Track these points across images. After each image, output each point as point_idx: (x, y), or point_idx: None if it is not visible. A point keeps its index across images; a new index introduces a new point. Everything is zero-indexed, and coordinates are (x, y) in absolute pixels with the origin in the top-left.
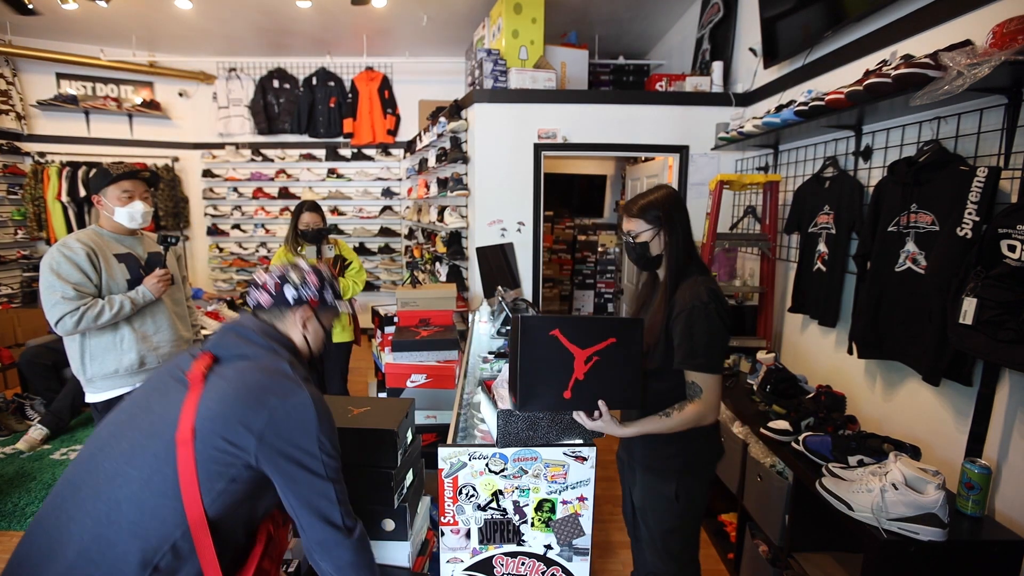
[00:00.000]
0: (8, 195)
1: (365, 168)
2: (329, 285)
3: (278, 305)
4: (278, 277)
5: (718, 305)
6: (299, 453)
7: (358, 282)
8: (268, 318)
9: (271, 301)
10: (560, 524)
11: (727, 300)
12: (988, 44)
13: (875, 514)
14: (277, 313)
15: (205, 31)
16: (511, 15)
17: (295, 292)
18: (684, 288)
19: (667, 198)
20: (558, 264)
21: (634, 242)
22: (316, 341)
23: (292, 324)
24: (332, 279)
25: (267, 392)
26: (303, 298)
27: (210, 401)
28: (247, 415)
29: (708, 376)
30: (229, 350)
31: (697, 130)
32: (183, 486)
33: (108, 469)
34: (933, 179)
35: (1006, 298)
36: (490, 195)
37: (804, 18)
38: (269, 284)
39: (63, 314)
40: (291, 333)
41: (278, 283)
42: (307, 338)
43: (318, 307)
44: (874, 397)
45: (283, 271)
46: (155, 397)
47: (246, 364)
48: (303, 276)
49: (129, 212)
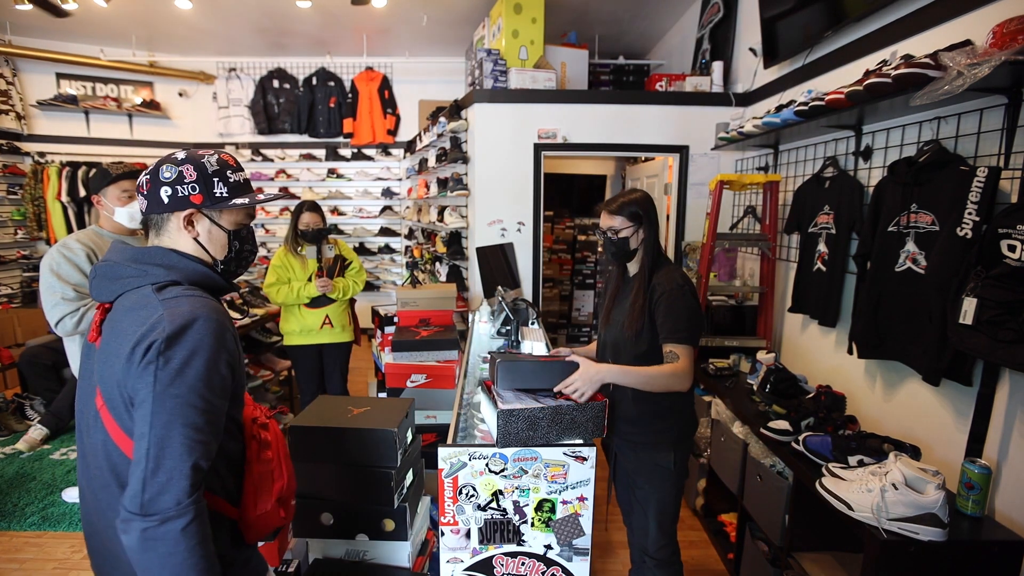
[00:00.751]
0: (8, 195)
1: (365, 168)
2: (216, 176)
3: (152, 209)
4: (150, 174)
5: (691, 287)
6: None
7: (358, 282)
8: (151, 233)
9: (147, 205)
10: (560, 524)
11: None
12: (988, 44)
13: (875, 514)
14: (155, 220)
15: (205, 31)
16: (511, 15)
17: (168, 191)
18: (660, 275)
19: (644, 198)
20: (558, 264)
21: (615, 237)
22: (216, 248)
23: (176, 230)
24: (224, 165)
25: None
26: (181, 196)
27: (101, 358)
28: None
29: (686, 347)
30: (110, 290)
31: (697, 130)
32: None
33: (85, 445)
34: (933, 179)
35: (1006, 298)
36: (490, 195)
37: (804, 18)
38: (142, 184)
39: (63, 315)
40: (179, 244)
41: (149, 182)
42: (202, 243)
43: (204, 204)
44: (874, 397)
45: (157, 163)
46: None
47: (120, 305)
48: (176, 170)
49: (129, 212)
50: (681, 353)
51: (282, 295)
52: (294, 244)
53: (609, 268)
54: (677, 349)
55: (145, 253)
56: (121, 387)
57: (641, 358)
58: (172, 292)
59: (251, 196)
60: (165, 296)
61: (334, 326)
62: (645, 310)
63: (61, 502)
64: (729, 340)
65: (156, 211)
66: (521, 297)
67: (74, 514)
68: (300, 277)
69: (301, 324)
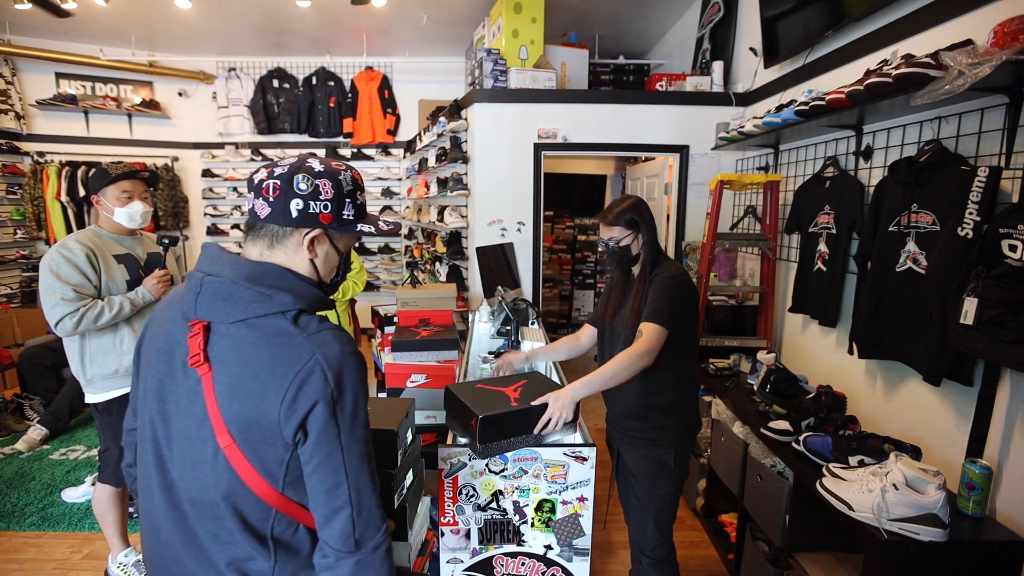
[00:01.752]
0: (7, 195)
1: (365, 168)
2: (349, 197)
3: (275, 219)
4: (279, 178)
5: (687, 280)
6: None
7: (358, 283)
8: (262, 242)
9: (269, 212)
10: (560, 524)
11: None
12: (989, 44)
13: (876, 514)
14: (274, 231)
15: (205, 31)
16: (511, 15)
17: (300, 204)
18: (659, 270)
19: (638, 204)
20: (558, 264)
21: (616, 247)
22: (327, 269)
23: (294, 249)
24: (356, 187)
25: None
26: (311, 214)
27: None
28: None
29: (655, 325)
30: (228, 314)
31: (697, 130)
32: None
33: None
34: (934, 179)
35: (1007, 298)
36: (490, 195)
37: (804, 18)
38: (269, 187)
39: (63, 315)
40: (293, 260)
41: (279, 189)
42: (315, 264)
43: (331, 225)
44: (875, 397)
45: (292, 169)
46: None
47: (243, 333)
48: (313, 183)
49: (128, 212)
50: (647, 331)
51: None
52: None
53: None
54: (645, 327)
55: (264, 273)
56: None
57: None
58: (311, 325)
59: (374, 222)
60: (307, 330)
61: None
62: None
63: (60, 502)
64: (729, 340)
65: (279, 222)
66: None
67: (73, 514)
68: None
69: None
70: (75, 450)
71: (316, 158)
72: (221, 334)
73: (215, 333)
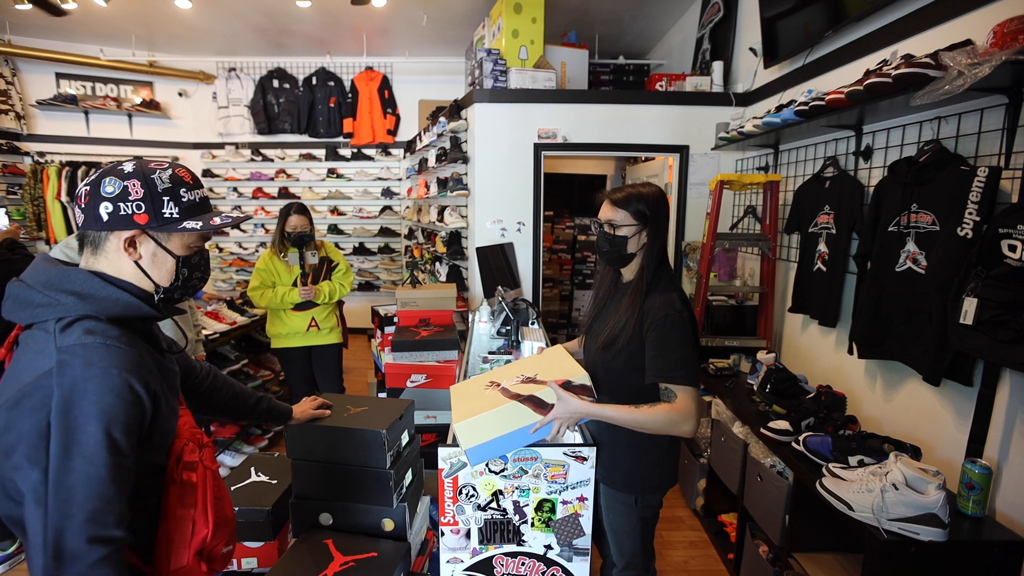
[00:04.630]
0: (8, 195)
1: (365, 168)
2: (166, 194)
3: (90, 224)
4: (91, 185)
5: (690, 315)
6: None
7: (344, 284)
8: (87, 251)
9: (83, 219)
10: (560, 524)
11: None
12: (989, 44)
13: (875, 514)
14: (93, 237)
15: (205, 31)
16: (511, 15)
17: (109, 207)
18: (655, 298)
19: (656, 196)
20: (558, 264)
21: (612, 233)
22: (161, 272)
23: (115, 252)
24: (177, 182)
25: (21, 374)
26: (123, 215)
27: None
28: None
29: (685, 388)
30: (20, 316)
31: (697, 130)
32: None
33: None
34: (933, 179)
35: (1007, 298)
36: (490, 195)
37: (804, 18)
38: (81, 195)
39: None
40: (117, 267)
41: (88, 194)
42: (143, 268)
43: (150, 225)
44: (874, 397)
45: (101, 173)
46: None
47: (27, 337)
48: (121, 184)
49: None
50: (682, 397)
51: (266, 299)
52: (280, 246)
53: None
54: (678, 391)
55: (62, 278)
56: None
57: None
58: (74, 336)
59: (206, 218)
60: (65, 341)
61: (321, 328)
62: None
63: None
64: (729, 340)
65: (93, 227)
66: (521, 297)
67: None
68: (285, 281)
69: (287, 327)
70: None
71: (135, 160)
72: (21, 337)
73: (20, 336)
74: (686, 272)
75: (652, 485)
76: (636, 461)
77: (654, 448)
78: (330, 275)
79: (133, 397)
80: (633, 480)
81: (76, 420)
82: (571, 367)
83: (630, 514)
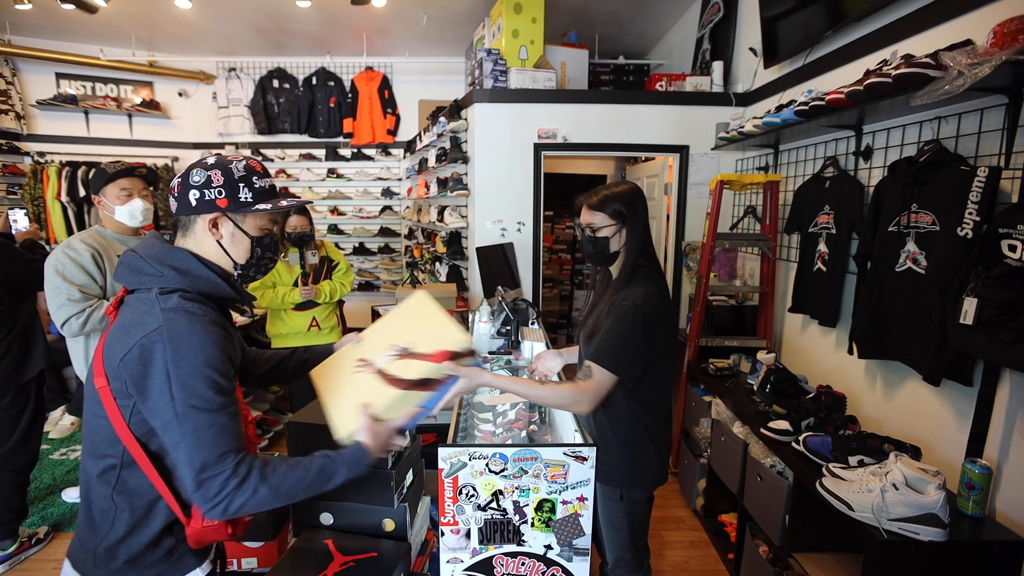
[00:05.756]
0: (7, 195)
1: (365, 168)
2: (242, 181)
3: (181, 211)
4: (182, 177)
5: (650, 310)
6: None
7: (345, 284)
8: (179, 232)
9: (176, 207)
10: (560, 524)
11: (668, 304)
12: (989, 44)
13: (875, 514)
14: (183, 221)
15: (205, 31)
16: (511, 15)
17: (197, 194)
18: (629, 288)
19: (630, 193)
20: (558, 264)
21: (593, 236)
22: (239, 252)
23: (201, 233)
24: (252, 172)
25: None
26: (208, 200)
27: (107, 342)
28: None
29: (602, 370)
30: (129, 282)
31: (697, 130)
32: (107, 411)
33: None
34: (933, 179)
35: (1007, 298)
36: (490, 195)
37: (804, 18)
38: (174, 187)
39: (69, 316)
40: (202, 246)
41: (180, 185)
42: (223, 247)
43: (229, 208)
44: (874, 397)
45: (190, 167)
46: None
47: (133, 299)
48: (205, 174)
49: (129, 210)
50: (595, 374)
51: (266, 300)
52: (280, 247)
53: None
54: (593, 368)
55: (167, 254)
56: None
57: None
58: (173, 301)
59: (274, 202)
60: (167, 304)
61: (322, 328)
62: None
63: (61, 502)
64: (729, 340)
65: (184, 212)
66: (521, 297)
67: (74, 514)
68: (285, 281)
69: (288, 327)
70: (75, 450)
71: (218, 155)
72: (128, 299)
73: (127, 298)
74: (686, 272)
75: (636, 481)
76: (622, 457)
77: (639, 445)
78: (330, 275)
79: (224, 345)
80: (619, 476)
81: (186, 365)
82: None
83: (616, 509)
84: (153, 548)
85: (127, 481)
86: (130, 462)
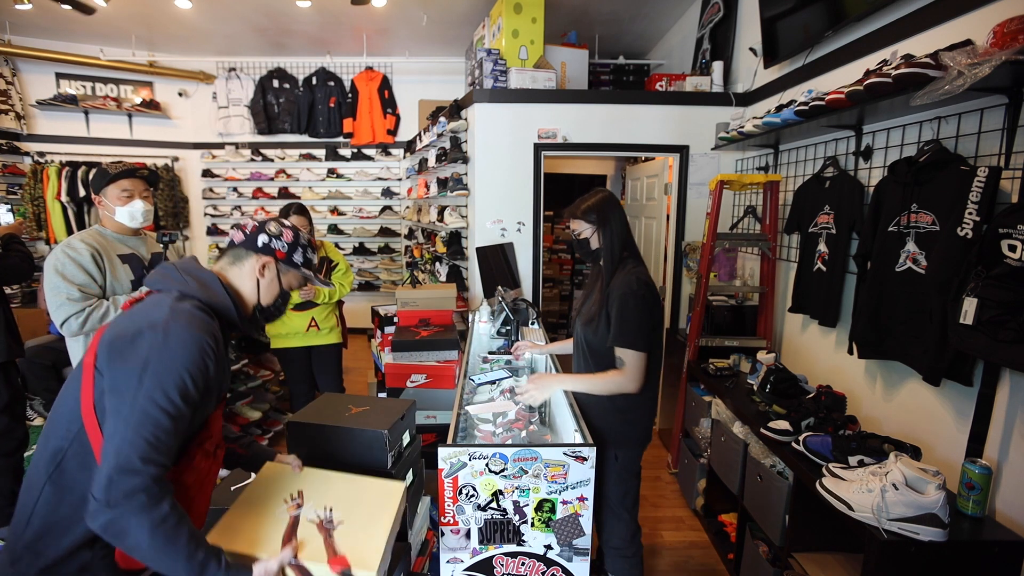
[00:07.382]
0: (7, 195)
1: (365, 168)
2: (301, 248)
3: (245, 245)
4: (258, 222)
5: (647, 291)
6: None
7: (344, 284)
8: (226, 259)
9: (243, 239)
10: (560, 524)
11: (652, 283)
12: (989, 44)
13: (875, 514)
14: (240, 252)
15: (205, 31)
16: (511, 15)
17: (266, 238)
18: (619, 276)
19: (602, 201)
20: (558, 264)
21: (578, 239)
22: (268, 296)
23: (249, 269)
24: (309, 245)
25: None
26: (271, 247)
27: (113, 321)
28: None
29: (633, 352)
30: (157, 284)
31: (697, 130)
32: (82, 386)
33: None
34: (933, 179)
35: (1007, 298)
36: (490, 195)
37: (804, 18)
38: (248, 226)
39: (69, 315)
40: (242, 278)
41: (256, 227)
42: (259, 286)
43: (282, 261)
44: (874, 397)
45: (266, 220)
46: None
47: (152, 296)
48: (280, 230)
49: (130, 211)
50: (627, 359)
51: None
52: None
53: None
54: (625, 355)
55: (197, 270)
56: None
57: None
58: (186, 304)
59: (313, 273)
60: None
61: (321, 328)
62: (602, 306)
63: None
64: (729, 340)
65: (247, 247)
66: (521, 297)
67: None
68: None
69: (287, 327)
70: None
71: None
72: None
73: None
74: (686, 272)
75: (629, 441)
76: (618, 421)
77: (634, 410)
78: (330, 275)
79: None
80: (614, 438)
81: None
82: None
83: (612, 468)
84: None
85: (65, 469)
86: (78, 448)
